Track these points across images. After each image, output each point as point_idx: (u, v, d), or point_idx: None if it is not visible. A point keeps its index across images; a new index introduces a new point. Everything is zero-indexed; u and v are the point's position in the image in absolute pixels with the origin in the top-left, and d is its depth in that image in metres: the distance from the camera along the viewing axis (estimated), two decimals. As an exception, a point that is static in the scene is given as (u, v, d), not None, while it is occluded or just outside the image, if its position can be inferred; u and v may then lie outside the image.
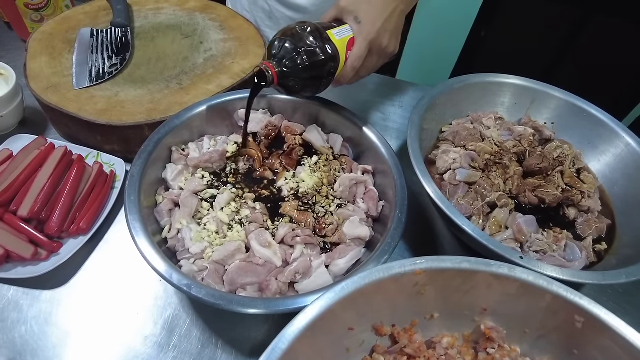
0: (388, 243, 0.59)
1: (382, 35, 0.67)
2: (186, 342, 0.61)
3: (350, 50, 0.66)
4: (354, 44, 0.66)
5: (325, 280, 0.59)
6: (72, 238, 0.68)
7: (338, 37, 0.65)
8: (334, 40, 0.64)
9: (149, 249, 0.56)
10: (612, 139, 0.80)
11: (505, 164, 0.76)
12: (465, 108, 0.86)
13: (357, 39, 0.66)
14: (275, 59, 0.62)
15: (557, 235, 0.69)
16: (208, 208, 0.66)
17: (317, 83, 0.67)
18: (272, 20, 1.12)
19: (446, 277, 0.54)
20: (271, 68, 0.61)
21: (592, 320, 0.52)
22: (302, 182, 0.69)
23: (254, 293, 0.57)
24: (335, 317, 0.50)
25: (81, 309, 0.63)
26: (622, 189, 0.78)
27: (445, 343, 0.57)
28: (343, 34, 0.65)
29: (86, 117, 0.73)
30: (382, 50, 0.68)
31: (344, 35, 0.65)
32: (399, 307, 0.56)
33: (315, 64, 0.63)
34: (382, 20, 0.66)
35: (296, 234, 0.62)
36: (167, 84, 0.81)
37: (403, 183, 0.66)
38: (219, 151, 0.70)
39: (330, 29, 0.65)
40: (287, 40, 0.62)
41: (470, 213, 0.69)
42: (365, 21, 0.65)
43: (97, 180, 0.73)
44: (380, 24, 0.66)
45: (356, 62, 0.66)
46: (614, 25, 2.08)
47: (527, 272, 0.54)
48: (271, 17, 1.11)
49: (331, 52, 0.64)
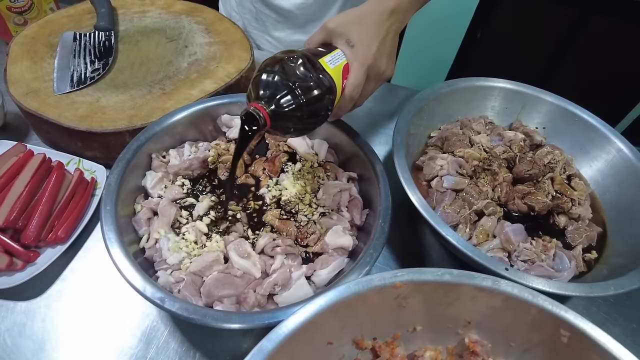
0: (370, 254, 0.58)
1: (379, 60, 0.61)
2: (163, 354, 0.59)
3: (346, 79, 0.59)
4: (349, 71, 0.59)
5: (306, 292, 0.57)
6: (50, 247, 0.67)
7: (332, 66, 0.57)
8: (327, 69, 0.57)
9: (123, 261, 0.54)
10: (603, 144, 0.79)
11: (494, 170, 0.74)
12: (454, 113, 0.84)
13: (353, 65, 0.59)
14: (264, 98, 0.52)
15: (546, 244, 0.68)
16: (187, 217, 0.64)
17: (314, 120, 0.58)
18: (258, 22, 1.11)
19: (428, 289, 0.53)
20: (261, 109, 0.51)
21: (578, 334, 0.50)
22: (284, 190, 0.67)
23: (231, 306, 0.56)
24: (313, 331, 0.49)
25: (57, 321, 0.61)
26: (613, 196, 0.76)
27: (428, 357, 0.55)
28: (336, 60, 0.58)
29: (66, 123, 0.72)
30: (379, 76, 0.62)
31: (338, 62, 0.58)
32: (380, 320, 0.54)
33: (312, 99, 0.54)
34: (377, 42, 0.60)
35: (276, 244, 0.60)
36: (149, 89, 0.79)
37: (387, 191, 0.64)
38: (199, 158, 0.68)
39: (322, 57, 0.57)
40: (275, 74, 0.53)
41: (457, 221, 0.67)
42: (359, 44, 0.59)
43: (77, 188, 0.72)
44: (375, 47, 0.59)
45: (354, 91, 0.59)
46: (612, 26, 2.07)
47: (512, 285, 0.52)
48: (257, 19, 1.10)
49: (327, 84, 0.56)
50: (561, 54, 2.23)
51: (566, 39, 2.18)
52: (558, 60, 2.25)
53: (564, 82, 2.25)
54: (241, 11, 1.13)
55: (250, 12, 1.10)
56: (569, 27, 2.13)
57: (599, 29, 2.09)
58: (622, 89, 2.22)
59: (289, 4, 1.02)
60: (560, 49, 2.22)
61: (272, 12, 1.04)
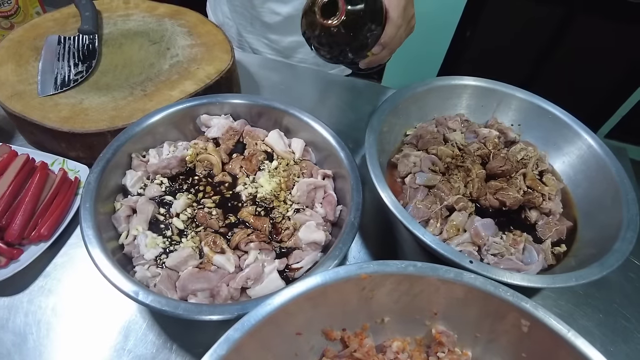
0: (339, 247, 0.60)
1: (408, 6, 0.66)
2: (142, 346, 0.61)
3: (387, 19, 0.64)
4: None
5: (277, 286, 0.59)
6: (33, 244, 0.69)
7: None
8: None
9: (100, 256, 0.56)
10: (574, 140, 0.80)
11: (467, 167, 0.76)
12: (430, 111, 0.86)
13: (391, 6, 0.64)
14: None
15: (516, 238, 0.69)
16: (165, 214, 0.66)
17: (365, 40, 0.64)
18: (253, 26, 1.15)
19: (393, 281, 0.55)
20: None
21: (537, 324, 0.52)
22: (260, 188, 0.69)
23: (204, 299, 0.58)
24: (282, 322, 0.51)
25: (39, 315, 0.63)
26: (584, 190, 0.78)
27: (395, 347, 0.57)
28: None
29: (49, 124, 0.74)
30: (409, 21, 0.69)
31: None
32: (348, 311, 0.56)
33: (373, 11, 0.61)
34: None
35: (250, 239, 0.62)
36: (131, 90, 0.81)
37: (359, 187, 0.66)
38: (177, 157, 0.70)
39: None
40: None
41: (428, 216, 0.69)
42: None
43: (61, 187, 0.74)
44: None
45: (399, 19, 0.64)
46: (600, 25, 2.08)
47: (475, 277, 0.54)
48: (252, 23, 1.14)
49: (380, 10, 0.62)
50: (551, 50, 2.24)
51: (555, 36, 2.19)
52: (547, 58, 2.27)
53: (554, 79, 2.28)
54: (235, 17, 1.16)
55: (244, 18, 1.14)
56: (558, 25, 2.15)
57: (587, 27, 2.11)
58: (611, 86, 2.24)
59: (274, 20, 1.07)
60: (549, 46, 2.23)
61: (265, 21, 1.09)
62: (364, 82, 1.10)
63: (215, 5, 1.22)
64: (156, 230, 0.65)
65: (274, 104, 0.77)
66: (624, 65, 2.18)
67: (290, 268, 0.63)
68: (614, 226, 0.68)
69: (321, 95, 0.75)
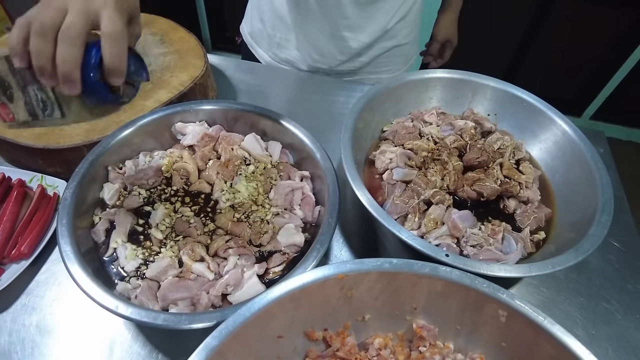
0: (317, 248, 0.60)
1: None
2: (127, 358, 0.62)
3: None
4: None
5: (257, 290, 0.60)
6: (14, 263, 0.68)
7: None
8: None
9: (79, 272, 0.56)
10: (550, 126, 0.81)
11: (444, 160, 0.76)
12: (405, 106, 0.86)
13: None
14: None
15: (494, 228, 0.70)
16: (143, 225, 0.66)
17: None
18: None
19: (371, 279, 0.55)
20: None
21: (514, 313, 0.53)
22: (237, 193, 0.69)
23: (185, 308, 0.58)
24: (262, 327, 0.51)
25: (23, 333, 0.63)
26: (562, 176, 0.79)
27: (377, 344, 0.58)
28: None
29: (23, 142, 0.74)
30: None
31: None
32: (329, 311, 0.57)
33: None
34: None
35: (229, 246, 0.63)
36: (105, 102, 0.81)
37: (335, 187, 0.66)
38: (153, 167, 0.70)
39: None
40: None
41: (406, 211, 0.70)
42: None
43: (40, 204, 0.74)
44: None
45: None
46: (583, 10, 2.09)
47: (451, 271, 0.55)
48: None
49: None
50: (533, 38, 2.25)
51: (536, 21, 2.20)
52: (530, 44, 2.28)
53: (536, 64, 2.29)
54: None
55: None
56: (538, 10, 2.16)
57: (569, 13, 2.12)
58: (594, 67, 2.25)
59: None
60: (531, 30, 2.24)
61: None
62: (340, 80, 1.10)
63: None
64: (136, 242, 0.65)
65: (248, 108, 0.77)
66: (605, 46, 2.19)
67: (271, 272, 0.63)
68: (591, 210, 0.68)
69: (298, 96, 0.75)
